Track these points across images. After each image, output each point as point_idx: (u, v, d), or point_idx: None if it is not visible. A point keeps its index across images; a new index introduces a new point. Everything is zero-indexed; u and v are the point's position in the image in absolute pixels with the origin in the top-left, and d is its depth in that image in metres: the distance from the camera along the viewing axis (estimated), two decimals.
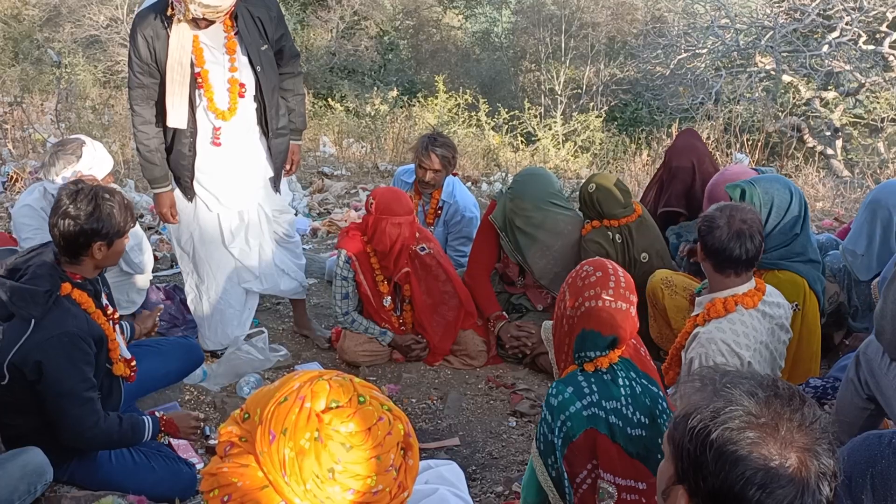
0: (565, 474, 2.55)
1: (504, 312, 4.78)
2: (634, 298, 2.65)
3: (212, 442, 3.74)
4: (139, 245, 4.18)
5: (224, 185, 4.30)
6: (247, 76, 4.14)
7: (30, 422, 3.19)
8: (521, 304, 4.88)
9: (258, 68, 4.12)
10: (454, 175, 5.32)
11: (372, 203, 4.45)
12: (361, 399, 1.60)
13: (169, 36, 3.91)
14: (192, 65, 4.01)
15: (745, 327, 3.22)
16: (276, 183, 4.48)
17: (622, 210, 4.49)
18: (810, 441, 1.43)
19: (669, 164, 5.09)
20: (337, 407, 1.57)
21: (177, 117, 4.04)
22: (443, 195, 5.28)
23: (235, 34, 4.05)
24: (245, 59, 4.11)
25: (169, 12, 3.86)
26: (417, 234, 4.59)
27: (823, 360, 4.28)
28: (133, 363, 3.49)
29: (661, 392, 2.66)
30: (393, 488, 1.59)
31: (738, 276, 3.27)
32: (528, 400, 4.29)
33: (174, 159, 4.22)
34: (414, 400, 4.33)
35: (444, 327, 4.68)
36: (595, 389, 2.55)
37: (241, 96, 4.14)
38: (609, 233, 4.47)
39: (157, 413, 3.54)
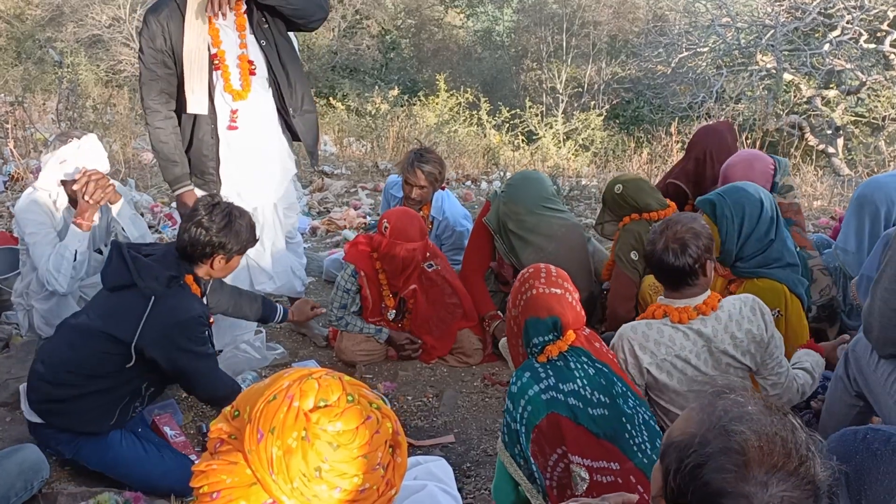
0: (533, 462, 2.58)
1: (499, 311, 4.79)
2: (570, 287, 2.80)
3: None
4: (143, 237, 4.17)
5: (243, 174, 4.29)
6: (255, 53, 4.14)
7: (93, 385, 3.32)
8: None
9: (262, 42, 4.12)
10: (443, 189, 5.24)
11: (386, 227, 4.40)
12: (350, 398, 1.62)
13: (183, 16, 3.94)
14: (208, 46, 4.03)
15: (660, 335, 3.17)
16: (313, 160, 4.60)
17: (657, 202, 4.44)
18: (803, 497, 1.40)
19: (691, 142, 5.16)
20: (325, 406, 1.58)
21: (197, 102, 4.05)
22: (432, 211, 5.22)
23: (244, 11, 4.07)
24: (252, 38, 4.12)
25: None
26: (427, 254, 4.61)
27: None
28: None
29: (617, 375, 2.73)
30: (381, 486, 1.61)
31: (675, 291, 3.23)
32: None
33: (196, 150, 4.19)
34: (410, 397, 4.34)
35: (443, 332, 4.70)
36: (551, 374, 2.64)
37: (252, 73, 4.14)
38: (650, 226, 4.40)
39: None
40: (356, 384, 1.69)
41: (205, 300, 3.68)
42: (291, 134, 4.41)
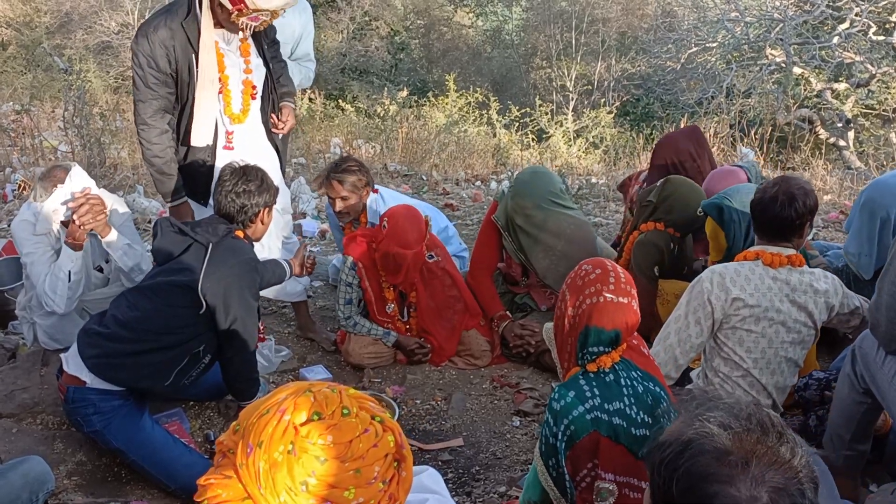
0: (567, 474, 2.55)
1: (507, 312, 4.78)
2: (634, 292, 2.66)
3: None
4: (138, 266, 4.14)
5: None
6: (258, 78, 4.15)
7: (158, 341, 3.46)
8: (525, 304, 4.87)
9: (270, 65, 4.16)
10: (375, 192, 5.01)
11: (385, 226, 4.38)
12: (346, 411, 1.60)
13: (189, 40, 3.91)
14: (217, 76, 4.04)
15: (749, 272, 3.35)
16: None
17: (691, 224, 4.39)
18: (785, 480, 1.38)
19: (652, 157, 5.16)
20: (318, 419, 1.58)
21: (203, 135, 4.10)
22: (370, 217, 4.94)
23: (249, 37, 4.06)
24: (259, 61, 4.14)
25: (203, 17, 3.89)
26: (426, 252, 4.57)
27: (831, 351, 4.31)
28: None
29: (663, 391, 2.65)
30: (382, 500, 1.59)
31: (770, 244, 3.38)
32: (533, 399, 4.29)
33: (190, 168, 4.20)
34: (418, 401, 4.33)
35: (448, 331, 4.68)
36: (597, 392, 2.54)
37: (253, 98, 4.16)
38: (672, 242, 4.38)
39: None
40: (360, 397, 1.67)
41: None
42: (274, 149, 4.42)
